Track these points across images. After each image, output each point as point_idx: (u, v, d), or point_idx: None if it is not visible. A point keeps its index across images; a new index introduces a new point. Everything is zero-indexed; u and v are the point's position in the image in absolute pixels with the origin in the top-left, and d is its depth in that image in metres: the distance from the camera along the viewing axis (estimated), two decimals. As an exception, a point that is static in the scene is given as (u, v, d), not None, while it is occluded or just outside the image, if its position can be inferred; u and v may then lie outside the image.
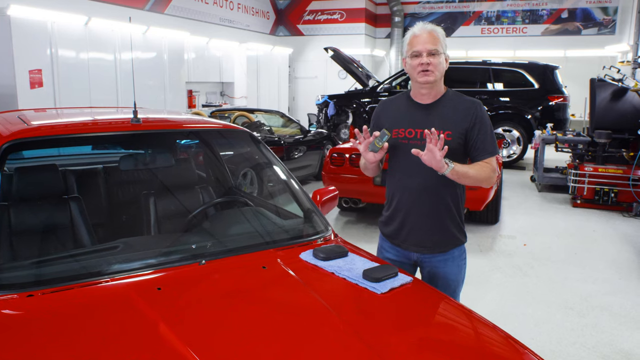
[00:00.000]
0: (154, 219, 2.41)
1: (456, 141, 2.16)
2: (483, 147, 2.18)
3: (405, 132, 2.21)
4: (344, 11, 14.74)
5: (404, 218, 2.27)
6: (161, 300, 1.66)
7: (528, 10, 14.34)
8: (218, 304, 1.67)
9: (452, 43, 14.82)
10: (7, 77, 6.63)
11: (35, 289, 1.69)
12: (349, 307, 1.76)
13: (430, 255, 2.28)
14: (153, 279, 1.79)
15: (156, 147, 2.58)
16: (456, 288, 2.33)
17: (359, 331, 1.53)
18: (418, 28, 2.15)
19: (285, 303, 1.73)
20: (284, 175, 2.65)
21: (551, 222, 6.29)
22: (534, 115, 9.76)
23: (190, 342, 1.41)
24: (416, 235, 2.26)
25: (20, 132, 2.16)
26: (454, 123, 2.17)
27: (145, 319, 1.54)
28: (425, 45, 2.10)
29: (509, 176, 9.07)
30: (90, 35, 7.67)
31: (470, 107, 2.19)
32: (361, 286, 1.85)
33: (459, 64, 10.97)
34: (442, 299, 1.91)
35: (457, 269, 2.31)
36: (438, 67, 2.12)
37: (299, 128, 8.36)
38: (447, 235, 2.26)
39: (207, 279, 1.84)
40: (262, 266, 1.94)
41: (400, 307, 1.76)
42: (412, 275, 2.04)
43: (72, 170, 2.57)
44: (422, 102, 2.23)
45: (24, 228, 2.05)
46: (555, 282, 4.41)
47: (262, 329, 1.52)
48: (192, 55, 10.89)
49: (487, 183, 2.17)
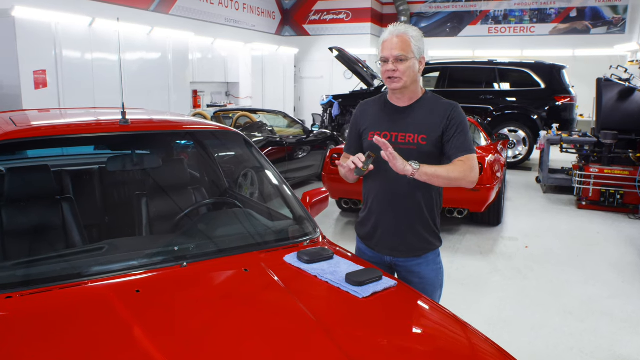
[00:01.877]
0: (143, 220, 2.40)
1: (432, 144, 2.13)
2: (457, 146, 2.12)
3: (381, 135, 2.18)
4: (349, 11, 14.71)
5: (377, 221, 2.25)
6: (138, 302, 1.65)
7: (536, 10, 14.22)
8: (194, 306, 1.66)
9: (458, 43, 14.85)
10: (12, 78, 6.68)
11: (14, 291, 1.68)
12: (328, 310, 1.74)
13: (404, 259, 2.26)
14: (133, 281, 1.78)
15: (144, 148, 2.57)
16: (433, 292, 2.30)
17: (334, 335, 1.51)
18: (387, 32, 2.12)
19: (263, 306, 1.71)
20: (274, 177, 2.63)
21: (555, 224, 6.22)
22: (540, 115, 9.68)
23: (160, 344, 1.40)
24: (389, 238, 2.24)
25: (6, 134, 2.17)
26: (430, 126, 2.14)
27: (119, 321, 1.53)
28: (392, 51, 2.07)
29: (514, 177, 9.00)
30: (94, 36, 7.70)
31: (447, 109, 2.16)
32: (343, 290, 1.83)
33: (464, 63, 10.91)
34: (424, 303, 1.88)
35: (433, 273, 2.28)
36: (406, 73, 2.09)
37: (301, 128, 8.34)
38: (420, 239, 2.23)
39: (186, 282, 1.82)
40: (243, 268, 1.93)
41: (381, 312, 1.74)
42: (396, 278, 2.02)
43: (62, 171, 2.58)
44: (398, 104, 2.21)
45: (10, 228, 2.05)
46: (555, 286, 4.36)
47: (235, 332, 1.51)
48: (197, 56, 10.91)
49: (465, 182, 2.09)
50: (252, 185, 5.25)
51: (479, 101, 10.00)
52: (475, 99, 10.05)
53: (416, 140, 2.15)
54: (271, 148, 7.10)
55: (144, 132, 2.47)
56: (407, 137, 2.16)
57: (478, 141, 6.21)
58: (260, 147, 6.85)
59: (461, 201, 5.31)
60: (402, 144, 2.16)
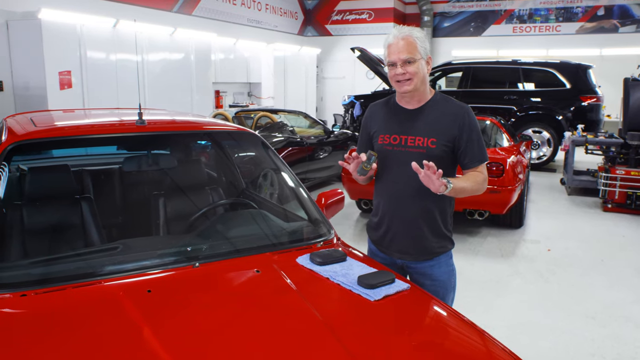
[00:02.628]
0: (160, 220, 2.42)
1: (441, 148, 2.11)
2: (473, 155, 2.12)
3: (390, 139, 2.17)
4: (372, 11, 14.64)
5: (388, 224, 2.23)
6: (148, 302, 1.67)
7: (562, 8, 13.95)
8: (203, 307, 1.66)
9: (482, 42, 14.66)
10: (38, 79, 6.82)
11: (29, 289, 1.71)
12: (338, 313, 1.73)
13: (415, 262, 2.23)
14: (145, 281, 1.80)
15: (161, 148, 2.60)
16: (445, 295, 2.27)
17: (343, 338, 1.50)
18: (392, 36, 2.09)
19: (273, 308, 1.70)
20: (289, 178, 2.63)
21: (579, 227, 6.10)
22: (565, 116, 9.49)
23: (167, 345, 1.40)
24: (400, 241, 2.22)
25: (27, 134, 2.21)
26: (440, 129, 2.11)
27: (128, 321, 1.54)
28: (399, 55, 2.04)
29: (537, 178, 8.85)
30: (118, 37, 7.82)
31: (459, 112, 2.13)
32: (355, 292, 1.82)
33: (488, 63, 10.75)
34: (437, 307, 1.85)
35: (445, 276, 2.25)
36: (416, 75, 2.06)
37: (322, 129, 8.33)
38: (432, 241, 2.20)
39: (197, 282, 1.83)
40: (255, 270, 1.93)
41: (392, 315, 1.72)
42: (409, 281, 1.99)
43: (82, 170, 2.62)
44: (407, 107, 2.18)
45: (28, 227, 2.09)
46: (578, 290, 4.26)
47: (243, 333, 1.51)
48: (220, 56, 10.99)
49: (478, 192, 2.14)
50: (272, 185, 5.25)
51: (502, 101, 9.86)
52: (498, 99, 9.91)
53: (425, 143, 2.12)
54: (292, 148, 7.11)
55: (160, 132, 2.49)
56: (416, 140, 2.14)
57: (500, 142, 6.11)
58: (280, 147, 6.87)
59: (482, 203, 5.23)
60: (412, 148, 2.14)
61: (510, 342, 3.33)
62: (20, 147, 2.16)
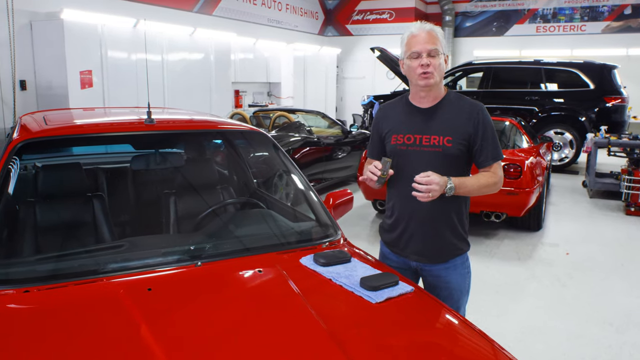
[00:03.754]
0: (170, 218, 2.43)
1: (457, 147, 2.08)
2: (487, 153, 2.10)
3: (404, 139, 2.13)
4: (393, 11, 14.56)
5: (403, 226, 2.20)
6: (148, 300, 1.67)
7: (587, 7, 13.67)
8: (201, 306, 1.66)
9: (504, 42, 14.45)
10: (60, 78, 6.94)
11: (32, 285, 1.73)
12: (338, 315, 1.70)
13: (430, 265, 2.20)
14: (146, 279, 1.80)
15: (169, 147, 2.61)
16: (459, 298, 2.23)
17: (341, 340, 1.48)
18: (416, 28, 2.06)
19: (272, 308, 1.69)
20: (298, 178, 2.61)
21: (599, 231, 5.96)
22: (588, 117, 9.30)
23: (162, 343, 1.40)
24: (415, 244, 2.19)
25: (36, 132, 2.24)
26: (455, 128, 2.08)
27: (126, 318, 1.55)
28: (425, 45, 2.01)
29: (559, 180, 8.69)
30: (138, 37, 7.91)
31: (473, 110, 2.09)
32: (357, 294, 1.79)
33: (509, 63, 10.59)
34: (441, 311, 1.82)
35: (460, 278, 2.21)
36: (438, 69, 2.04)
37: (340, 129, 8.30)
38: (448, 244, 2.17)
39: (198, 281, 1.83)
40: (257, 269, 1.92)
41: (393, 318, 1.69)
42: (414, 284, 1.96)
43: (93, 169, 2.64)
44: (421, 105, 2.14)
45: (32, 225, 2.12)
46: (596, 295, 4.16)
47: (238, 333, 1.50)
48: (239, 56, 11.04)
49: (492, 190, 2.11)
50: (288, 185, 5.26)
51: (523, 102, 9.70)
52: (519, 99, 9.75)
53: (441, 142, 2.09)
54: (309, 148, 7.10)
55: (168, 131, 2.50)
56: (431, 139, 2.10)
57: (519, 143, 6.00)
58: (297, 147, 6.86)
59: (499, 205, 5.15)
60: (427, 147, 2.10)
61: (523, 347, 3.29)
62: (30, 145, 2.19)
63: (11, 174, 2.10)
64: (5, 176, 2.06)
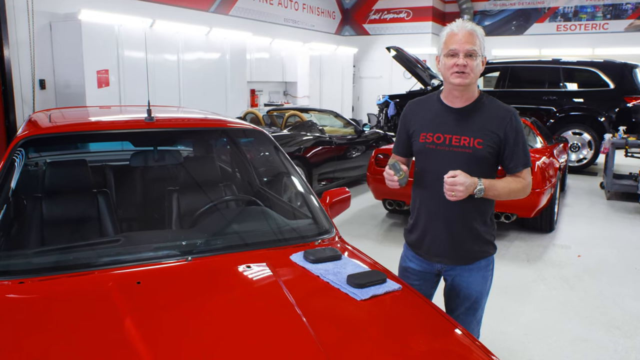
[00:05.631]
0: (172, 214, 2.47)
1: (487, 150, 2.05)
2: (517, 159, 2.08)
3: (434, 137, 2.10)
4: (410, 10, 14.49)
5: (426, 228, 2.18)
6: (135, 293, 1.71)
7: (610, 5, 13.41)
8: (187, 300, 1.70)
9: (524, 41, 14.28)
10: (77, 77, 7.08)
11: (27, 277, 1.79)
12: (321, 311, 1.72)
13: (454, 267, 2.19)
14: (136, 273, 1.84)
15: (168, 144, 2.65)
16: (479, 299, 2.22)
17: (320, 336, 1.49)
18: (457, 26, 2.01)
19: (255, 303, 1.72)
20: (294, 177, 2.63)
21: (615, 233, 5.85)
22: (608, 117, 9.13)
23: (146, 334, 1.44)
24: (439, 246, 2.16)
25: (37, 129, 2.30)
26: (486, 131, 2.05)
27: (113, 310, 1.59)
28: (464, 45, 1.97)
29: (576, 182, 8.55)
30: (154, 37, 8.03)
31: (505, 116, 2.06)
32: (342, 291, 1.81)
33: (526, 62, 10.46)
34: (425, 309, 1.82)
35: (481, 280, 2.20)
36: (474, 70, 2.00)
37: (353, 128, 8.31)
38: (473, 247, 2.15)
39: (187, 276, 1.86)
40: (246, 265, 1.95)
41: (374, 315, 1.70)
42: (403, 282, 1.97)
43: (93, 166, 2.71)
44: (453, 105, 2.11)
45: (33, 218, 2.18)
46: (605, 298, 4.09)
47: (218, 327, 1.53)
48: (255, 55, 11.12)
49: (520, 196, 2.11)
50: (284, 184, 5.33)
51: (541, 102, 9.57)
52: (537, 99, 9.63)
53: (472, 144, 2.06)
54: (320, 147, 7.12)
55: (167, 129, 2.54)
56: (462, 140, 2.08)
57: (532, 143, 5.93)
58: (309, 146, 6.89)
59: (509, 205, 5.09)
60: (457, 147, 2.08)
61: (525, 349, 3.26)
62: (32, 141, 2.26)
63: (14, 169, 2.17)
64: (7, 171, 2.12)
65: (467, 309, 2.23)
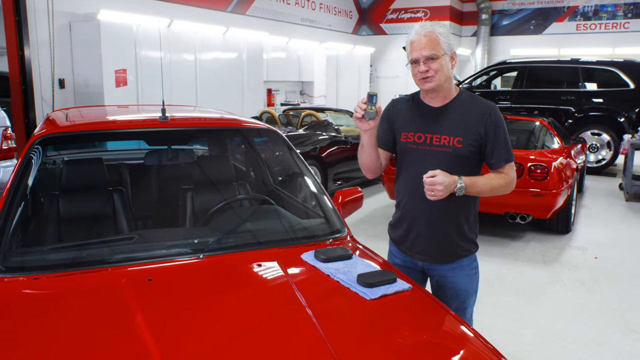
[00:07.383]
0: (187, 212, 2.51)
1: (467, 148, 2.06)
2: (499, 155, 2.07)
3: (415, 137, 2.12)
4: (427, 9, 14.42)
5: (410, 225, 2.19)
6: (146, 290, 1.73)
7: (631, 4, 13.19)
8: (196, 297, 1.71)
9: (543, 41, 14.13)
10: (96, 77, 7.19)
11: (42, 273, 1.83)
12: (330, 310, 1.73)
13: (437, 265, 2.19)
14: (148, 270, 1.87)
15: (182, 143, 2.68)
16: (466, 299, 2.22)
17: (329, 335, 1.50)
18: (414, 32, 2.04)
19: (265, 301, 1.73)
20: (307, 176, 2.64)
21: (633, 235, 5.76)
22: (627, 117, 8.99)
23: (156, 331, 1.46)
24: (422, 243, 2.18)
25: (54, 128, 2.35)
26: (466, 128, 2.06)
27: (124, 306, 1.61)
28: (422, 51, 1.99)
29: (594, 182, 8.44)
30: (172, 37, 8.10)
31: (485, 111, 2.07)
32: (352, 290, 1.81)
33: (544, 62, 10.33)
34: (435, 309, 1.81)
35: (466, 279, 2.20)
36: (440, 71, 2.00)
37: (368, 128, 8.28)
38: (455, 245, 2.16)
39: (198, 274, 1.89)
40: (257, 264, 1.96)
41: (384, 314, 1.70)
42: (414, 282, 1.96)
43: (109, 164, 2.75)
44: (431, 104, 2.13)
45: (47, 216, 2.22)
46: (622, 301, 4.04)
47: (231, 327, 1.55)
48: (272, 55, 11.16)
49: (503, 192, 2.09)
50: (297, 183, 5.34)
51: (559, 102, 9.45)
52: (555, 99, 9.51)
53: (451, 142, 2.07)
54: (336, 147, 7.13)
55: (181, 128, 2.57)
56: (442, 139, 2.09)
57: (548, 144, 5.86)
58: (324, 145, 6.90)
59: (524, 206, 5.05)
60: (437, 147, 2.09)
61: (538, 351, 3.23)
62: (48, 140, 2.30)
63: (30, 167, 2.22)
64: (24, 169, 2.17)
65: (455, 309, 2.22)
